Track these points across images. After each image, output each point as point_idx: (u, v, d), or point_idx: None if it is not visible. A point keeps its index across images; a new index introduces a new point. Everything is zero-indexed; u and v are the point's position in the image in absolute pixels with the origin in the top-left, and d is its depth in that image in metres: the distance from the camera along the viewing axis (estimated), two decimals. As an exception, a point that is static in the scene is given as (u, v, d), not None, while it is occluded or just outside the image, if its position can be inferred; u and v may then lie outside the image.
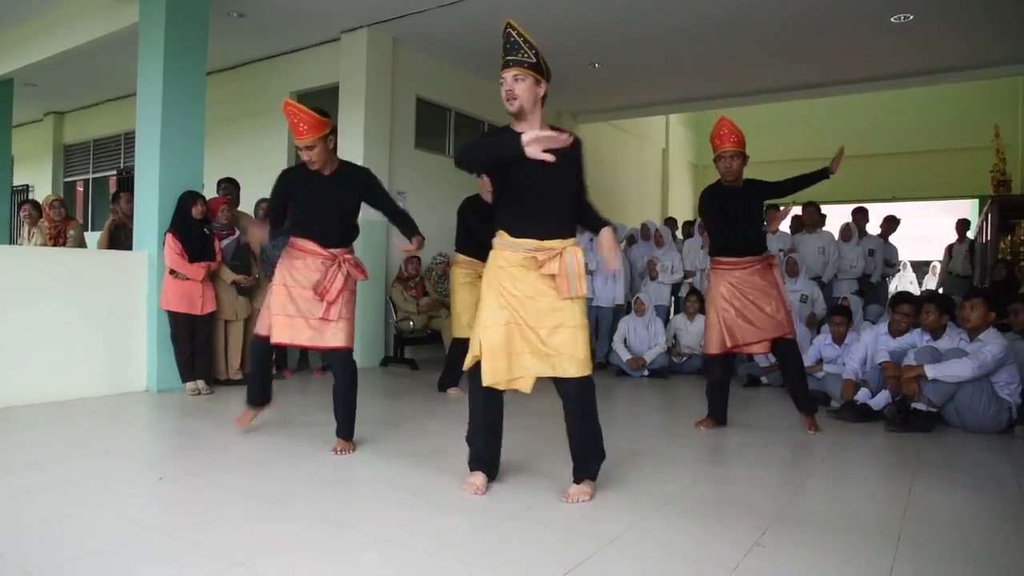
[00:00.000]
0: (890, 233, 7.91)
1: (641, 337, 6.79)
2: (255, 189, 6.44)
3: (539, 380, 2.86)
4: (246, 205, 6.22)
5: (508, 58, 2.83)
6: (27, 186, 11.80)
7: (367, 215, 4.29)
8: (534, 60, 2.82)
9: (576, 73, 8.39)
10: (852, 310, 5.93)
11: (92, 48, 7.03)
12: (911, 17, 6.58)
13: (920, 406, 4.31)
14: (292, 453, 3.53)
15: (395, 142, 7.43)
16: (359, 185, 3.70)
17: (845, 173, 13.54)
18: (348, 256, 3.61)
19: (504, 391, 2.90)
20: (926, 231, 11.49)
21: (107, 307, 5.09)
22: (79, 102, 10.76)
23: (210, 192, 5.72)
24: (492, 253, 2.92)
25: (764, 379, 6.18)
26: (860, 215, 7.60)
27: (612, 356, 6.88)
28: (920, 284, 10.96)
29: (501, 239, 2.89)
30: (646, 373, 6.65)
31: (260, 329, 3.70)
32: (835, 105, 11.81)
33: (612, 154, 11.60)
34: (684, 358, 6.85)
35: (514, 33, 2.83)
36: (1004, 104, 10.98)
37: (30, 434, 3.84)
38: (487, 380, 2.80)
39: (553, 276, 2.79)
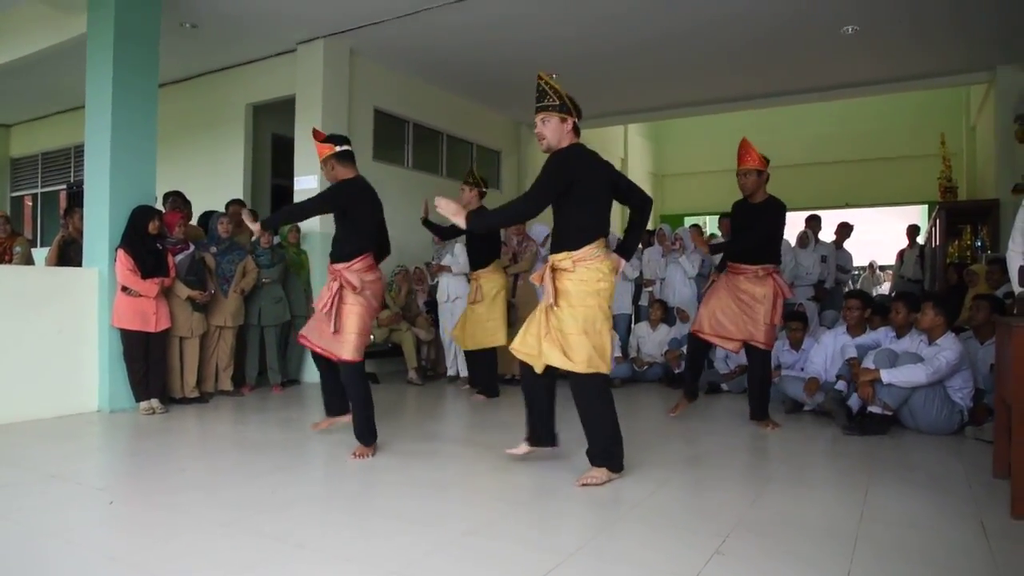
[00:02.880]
0: (844, 239, 8.09)
1: None
2: (209, 203, 6.35)
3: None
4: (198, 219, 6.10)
5: (537, 105, 3.37)
6: (-28, 201, 11.44)
7: (330, 228, 4.27)
8: (558, 103, 3.32)
9: (534, 84, 8.39)
10: (808, 316, 6.03)
11: (39, 59, 6.86)
12: (859, 28, 6.75)
13: (876, 409, 4.39)
14: (248, 472, 3.45)
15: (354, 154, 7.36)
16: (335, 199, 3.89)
17: (798, 180, 13.88)
18: (345, 272, 3.76)
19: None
20: (877, 237, 11.77)
21: (56, 325, 4.94)
22: (26, 114, 10.48)
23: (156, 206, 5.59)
24: (586, 267, 3.27)
25: (724, 386, 6.24)
26: (814, 222, 7.75)
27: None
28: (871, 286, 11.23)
29: (589, 252, 3.26)
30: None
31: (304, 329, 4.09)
32: (790, 114, 12.05)
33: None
34: (646, 367, 6.88)
35: (542, 83, 3.38)
36: (950, 113, 11.32)
37: (-27, 459, 3.69)
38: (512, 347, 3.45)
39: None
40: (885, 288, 11.31)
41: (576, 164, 3.25)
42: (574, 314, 3.20)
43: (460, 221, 3.21)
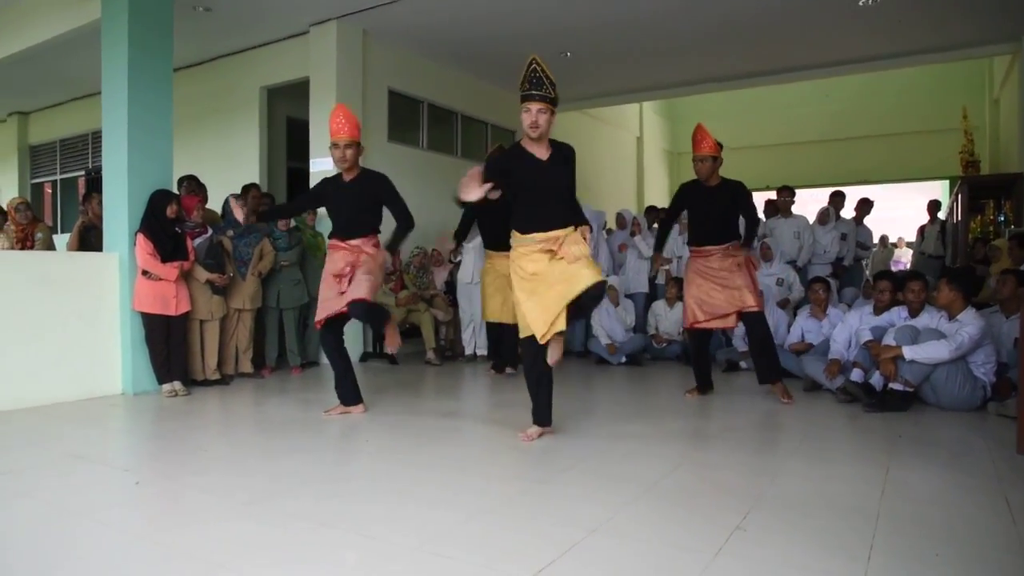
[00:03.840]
0: (864, 216, 7.99)
1: (613, 322, 6.81)
2: (225, 187, 6.35)
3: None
4: (214, 203, 6.12)
5: (533, 92, 3.42)
6: (-8, 189, 11.57)
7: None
8: (552, 95, 3.45)
9: (547, 62, 8.34)
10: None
11: (54, 45, 6.88)
12: (879, 0, 6.62)
13: (897, 386, 4.36)
14: (271, 452, 3.49)
15: (368, 135, 7.32)
16: (375, 189, 4.30)
17: (819, 157, 13.75)
18: (366, 249, 4.23)
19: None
20: (898, 213, 11.61)
21: (79, 310, 5.00)
22: (44, 101, 10.54)
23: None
24: (512, 251, 3.62)
25: (743, 364, 6.22)
26: (837, 198, 7.66)
27: (592, 343, 6.88)
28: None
29: (515, 237, 3.60)
30: (623, 359, 6.66)
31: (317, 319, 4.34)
32: (809, 90, 11.91)
33: (587, 143, 11.59)
34: (664, 344, 6.87)
35: (539, 69, 3.44)
36: (972, 86, 11.12)
37: (1, 441, 3.76)
38: (540, 337, 3.47)
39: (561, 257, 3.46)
40: (902, 261, 11.18)
41: None
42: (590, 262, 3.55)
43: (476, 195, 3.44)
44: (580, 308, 3.53)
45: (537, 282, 3.50)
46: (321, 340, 4.53)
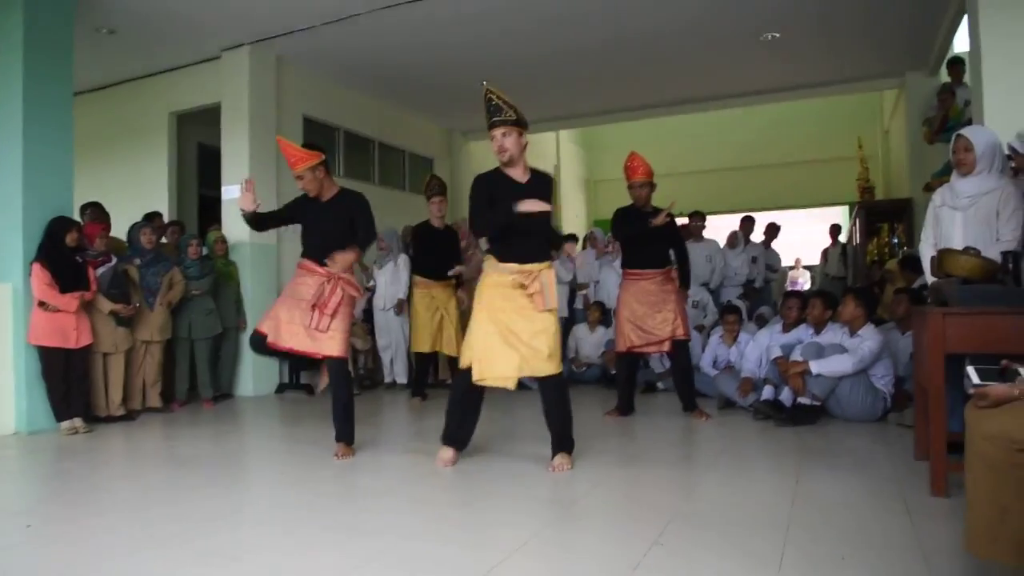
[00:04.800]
0: (772, 239, 8.35)
1: None
2: (132, 214, 6.13)
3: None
4: (119, 230, 5.85)
5: (494, 119, 3.45)
6: None
7: (257, 238, 4.30)
8: (515, 117, 3.44)
9: (466, 91, 8.43)
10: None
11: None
12: (778, 35, 7.00)
13: (805, 400, 4.54)
14: (179, 489, 3.33)
15: (282, 163, 7.15)
16: (349, 209, 4.00)
17: (729, 184, 14.21)
18: (343, 275, 3.89)
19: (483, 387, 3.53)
20: (803, 236, 12.17)
21: (-34, 345, 4.68)
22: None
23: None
24: (483, 273, 3.57)
25: (660, 384, 6.35)
26: (748, 223, 7.98)
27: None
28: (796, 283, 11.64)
29: (490, 262, 3.54)
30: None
31: (262, 326, 3.91)
32: (715, 120, 12.38)
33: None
34: (584, 368, 6.95)
35: (494, 97, 3.46)
36: (866, 117, 11.84)
37: None
38: (476, 378, 3.45)
39: (531, 294, 3.41)
40: (799, 281, 11.74)
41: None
42: (556, 318, 3.53)
43: (540, 207, 3.42)
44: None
45: (501, 324, 3.43)
46: (258, 350, 4.03)
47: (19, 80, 4.95)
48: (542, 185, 3.57)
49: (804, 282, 11.78)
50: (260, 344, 3.91)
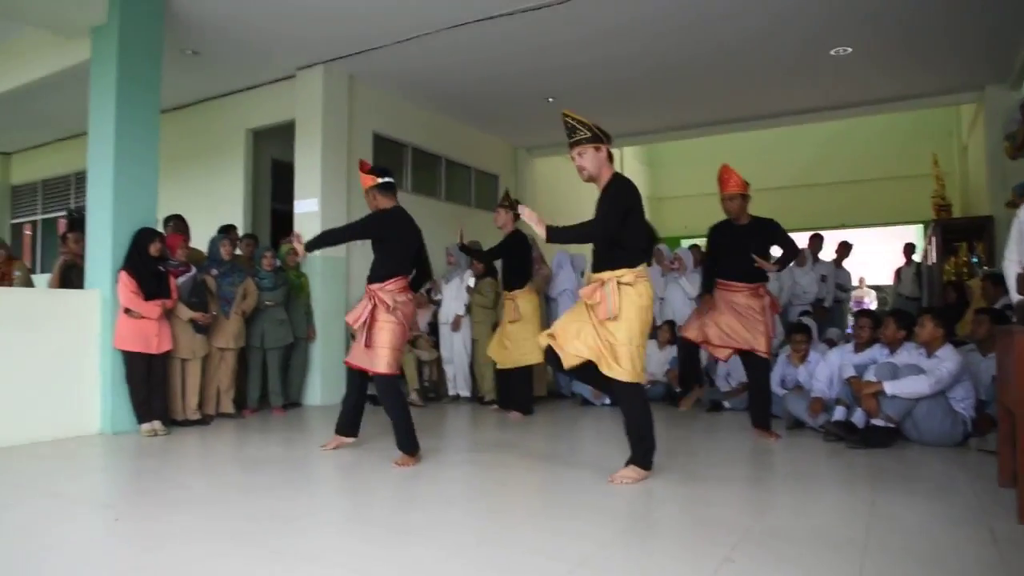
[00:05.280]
0: (844, 258, 8.13)
1: None
2: (209, 227, 6.37)
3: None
4: (199, 242, 6.11)
5: (570, 141, 3.58)
6: (-28, 230, 11.47)
7: (327, 252, 4.51)
8: (590, 135, 3.54)
9: (531, 108, 8.53)
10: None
11: (40, 86, 6.91)
12: (850, 50, 6.86)
13: (879, 422, 4.40)
14: (254, 489, 3.44)
15: (353, 179, 7.41)
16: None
17: (796, 201, 13.94)
18: (379, 292, 4.08)
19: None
20: (874, 256, 11.82)
21: (58, 347, 4.94)
22: (27, 142, 10.54)
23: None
24: None
25: (726, 403, 6.24)
26: (816, 241, 7.80)
27: (575, 386, 6.88)
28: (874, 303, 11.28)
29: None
30: (607, 402, 6.62)
31: None
32: (783, 136, 12.19)
33: (568, 189, 11.69)
34: (649, 385, 6.87)
35: (569, 119, 3.57)
36: (942, 133, 11.45)
37: (-25, 481, 3.67)
38: (543, 342, 3.69)
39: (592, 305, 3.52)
40: (865, 301, 11.35)
41: (631, 193, 3.57)
42: (629, 327, 3.47)
43: (541, 230, 3.48)
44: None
45: (583, 314, 3.59)
46: (349, 376, 4.46)
47: (112, 100, 5.23)
48: (604, 194, 3.58)
49: (869, 302, 11.42)
50: (353, 376, 4.37)
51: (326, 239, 4.33)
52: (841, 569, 2.27)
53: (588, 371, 3.61)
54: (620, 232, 3.51)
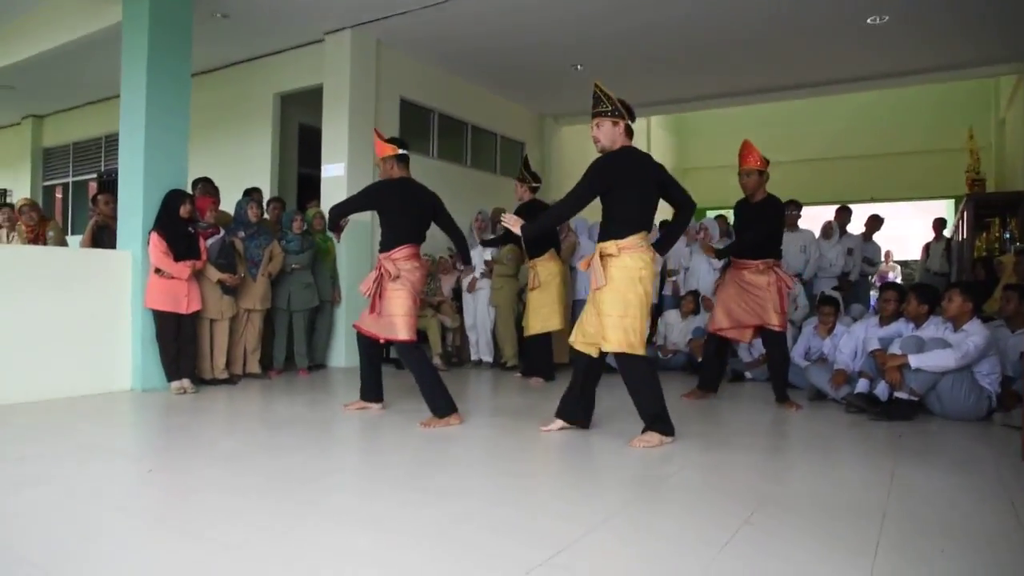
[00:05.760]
0: (874, 232, 8.02)
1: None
2: (237, 190, 6.44)
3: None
4: (226, 205, 6.19)
5: (592, 111, 3.65)
6: (4, 190, 11.67)
7: (353, 216, 4.58)
8: (611, 108, 3.60)
9: (558, 75, 8.46)
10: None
11: (72, 49, 6.99)
12: (887, 18, 6.70)
13: (903, 395, 4.38)
14: (281, 447, 3.52)
15: (380, 143, 7.43)
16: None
17: (825, 174, 13.72)
18: (385, 261, 4.17)
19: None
20: (903, 231, 11.64)
21: (91, 306, 5.06)
22: (58, 105, 10.67)
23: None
24: None
25: (748, 374, 6.25)
26: (843, 214, 7.69)
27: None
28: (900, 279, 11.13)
29: None
30: None
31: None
32: (813, 107, 11.98)
33: (595, 156, 11.67)
34: (671, 355, 6.90)
35: (597, 90, 3.63)
36: (978, 106, 11.19)
37: (13, 432, 3.80)
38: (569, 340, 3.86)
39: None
40: (889, 276, 11.20)
41: (615, 168, 3.57)
42: (615, 298, 3.52)
43: (517, 230, 3.67)
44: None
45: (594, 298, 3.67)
46: (361, 344, 4.48)
47: (144, 63, 5.28)
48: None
49: (894, 276, 11.28)
50: (360, 335, 4.39)
51: (335, 213, 4.39)
52: (860, 536, 2.29)
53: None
54: (610, 206, 3.60)
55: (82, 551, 2.10)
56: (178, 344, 5.18)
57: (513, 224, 3.68)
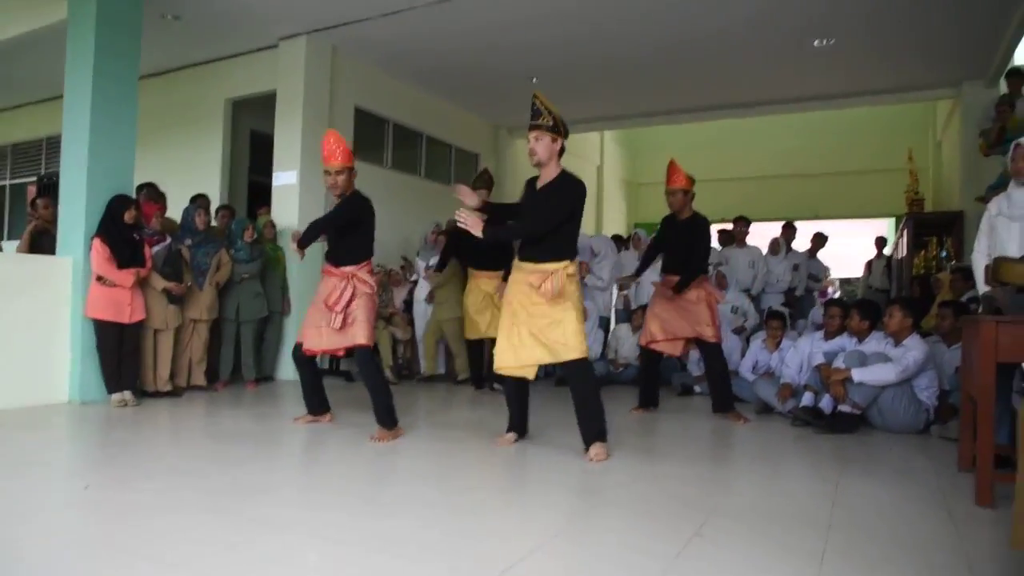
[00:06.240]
0: (818, 249, 8.26)
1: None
2: (184, 198, 6.26)
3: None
4: (175, 212, 6.03)
5: (531, 123, 3.62)
6: (-63, 193, 11.19)
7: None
8: (551, 123, 3.59)
9: (514, 87, 8.49)
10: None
11: (13, 46, 6.76)
12: (832, 41, 6.92)
13: (846, 408, 4.50)
14: (226, 461, 3.43)
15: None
16: (354, 208, 4.16)
17: (773, 192, 14.02)
18: (359, 273, 4.11)
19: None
20: (847, 249, 11.98)
21: (28, 314, 4.87)
22: (-3, 105, 10.30)
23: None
24: (512, 271, 3.79)
25: (697, 388, 6.33)
26: (789, 230, 7.90)
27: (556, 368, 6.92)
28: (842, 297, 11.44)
29: (515, 261, 3.77)
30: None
31: (300, 337, 4.25)
32: (762, 125, 12.27)
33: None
34: (622, 368, 6.96)
35: (537, 102, 3.60)
36: (917, 128, 11.61)
37: (-58, 445, 3.62)
38: (496, 368, 3.76)
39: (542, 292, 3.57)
40: (828, 291, 11.52)
41: (581, 195, 3.67)
42: (574, 307, 3.60)
43: (478, 232, 3.53)
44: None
45: (519, 317, 3.65)
46: (298, 362, 4.32)
47: (90, 60, 5.12)
48: (551, 191, 3.62)
49: (834, 291, 11.62)
50: (297, 353, 4.26)
51: (314, 231, 4.18)
52: (807, 545, 2.33)
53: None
54: (570, 229, 3.65)
55: (12, 571, 2.00)
56: (120, 355, 5.01)
57: (473, 225, 3.51)
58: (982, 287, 3.39)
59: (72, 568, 2.04)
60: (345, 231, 4.17)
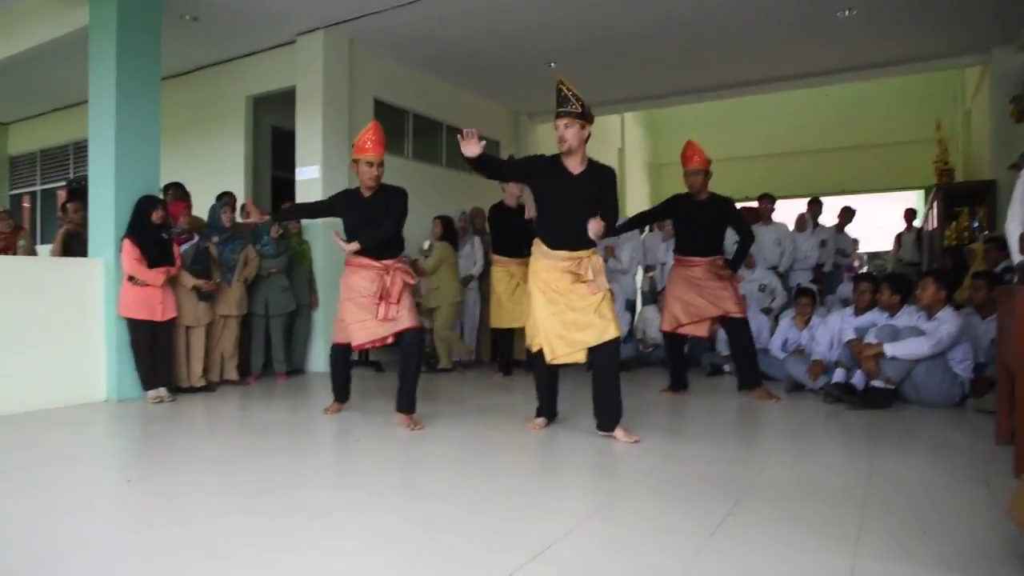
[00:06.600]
0: (846, 223, 8.13)
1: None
2: (210, 194, 6.33)
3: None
4: (199, 210, 6.10)
5: (559, 109, 3.60)
6: (-30, 201, 11.44)
7: (330, 220, 4.50)
8: (580, 110, 3.57)
9: (532, 73, 8.45)
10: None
11: (39, 54, 6.86)
12: (856, 12, 6.78)
13: (879, 383, 4.44)
14: (262, 451, 3.49)
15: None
16: (390, 202, 4.19)
17: (798, 168, 13.83)
18: (399, 265, 4.15)
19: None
20: (876, 222, 11.79)
21: (63, 316, 4.96)
22: (25, 112, 10.47)
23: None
24: (533, 258, 3.78)
25: (726, 368, 6.29)
26: (815, 206, 7.79)
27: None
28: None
29: (539, 247, 3.75)
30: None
31: (338, 339, 4.31)
32: (785, 101, 12.08)
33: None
34: (651, 349, 6.94)
35: (564, 88, 3.58)
36: (945, 98, 11.35)
37: (-13, 445, 3.72)
38: (548, 359, 3.71)
39: (585, 281, 3.63)
40: (855, 266, 11.36)
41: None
42: (606, 291, 3.71)
43: (470, 152, 3.55)
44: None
45: (560, 304, 3.68)
46: (338, 358, 4.46)
47: (112, 66, 5.19)
48: (593, 178, 3.68)
49: (860, 266, 11.45)
50: (341, 355, 4.39)
51: (383, 234, 4.14)
52: (842, 522, 2.32)
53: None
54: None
55: (58, 562, 2.06)
56: (154, 352, 5.10)
57: (596, 235, 3.51)
58: (1016, 257, 3.30)
59: (118, 557, 2.10)
60: (397, 222, 4.21)
